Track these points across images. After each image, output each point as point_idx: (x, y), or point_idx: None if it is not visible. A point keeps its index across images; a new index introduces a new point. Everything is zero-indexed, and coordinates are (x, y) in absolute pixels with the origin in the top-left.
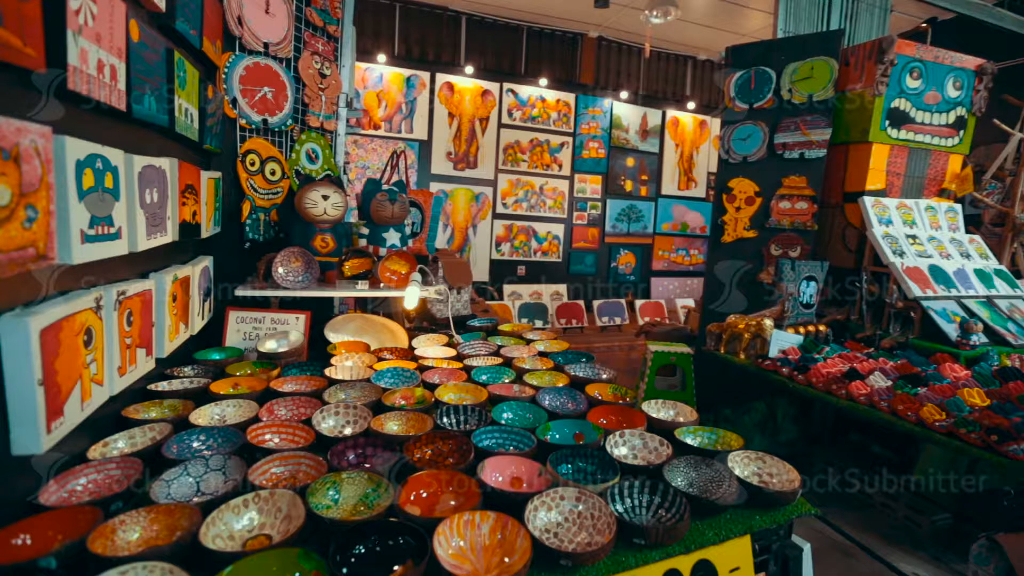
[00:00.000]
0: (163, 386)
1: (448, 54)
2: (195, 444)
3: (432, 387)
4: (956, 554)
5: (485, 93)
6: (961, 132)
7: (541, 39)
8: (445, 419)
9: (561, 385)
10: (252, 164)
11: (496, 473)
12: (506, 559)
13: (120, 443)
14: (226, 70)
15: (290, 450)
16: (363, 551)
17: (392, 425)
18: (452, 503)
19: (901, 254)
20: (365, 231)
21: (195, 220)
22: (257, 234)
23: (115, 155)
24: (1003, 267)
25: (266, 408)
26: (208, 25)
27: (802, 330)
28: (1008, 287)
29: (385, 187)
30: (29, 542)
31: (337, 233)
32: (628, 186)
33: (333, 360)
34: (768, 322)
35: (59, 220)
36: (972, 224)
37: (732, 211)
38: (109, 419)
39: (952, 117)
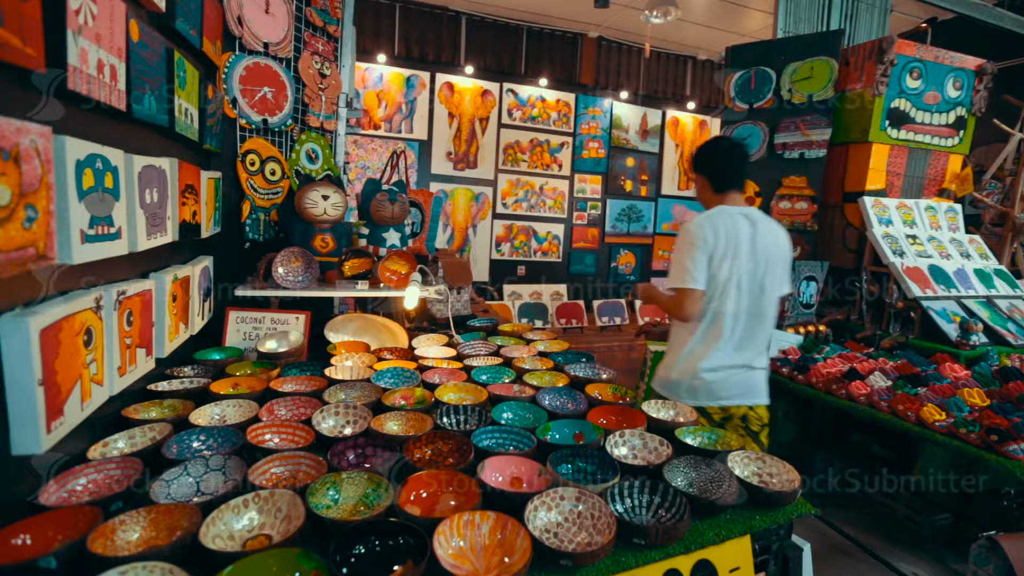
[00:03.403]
0: (163, 386)
1: (448, 54)
2: (195, 444)
3: (432, 387)
4: (956, 554)
5: (485, 93)
6: (961, 132)
7: (541, 39)
8: (445, 419)
9: (561, 385)
10: (252, 164)
11: (496, 473)
12: (506, 559)
13: (120, 443)
14: (226, 70)
15: (290, 450)
16: (363, 551)
17: (392, 425)
18: (452, 503)
19: (901, 254)
20: (365, 231)
21: (195, 220)
22: (257, 234)
23: (115, 155)
24: (1003, 267)
25: (266, 408)
26: (208, 25)
27: (802, 330)
28: (1008, 287)
29: (385, 187)
30: (29, 542)
31: (337, 233)
32: (628, 186)
33: (333, 360)
34: None
35: (59, 220)
36: (972, 224)
37: None
38: (109, 419)
39: (952, 117)
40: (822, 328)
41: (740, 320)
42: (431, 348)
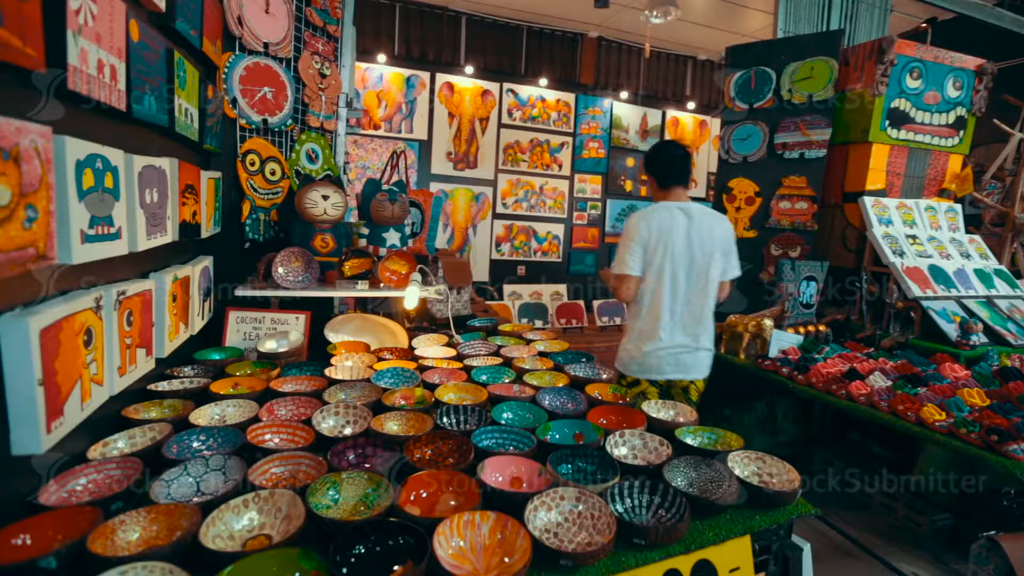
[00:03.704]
0: (163, 386)
1: (448, 54)
2: (195, 444)
3: (432, 387)
4: (956, 554)
5: (485, 93)
6: (961, 132)
7: (541, 39)
8: (445, 419)
9: (561, 385)
10: (252, 164)
11: (496, 473)
12: (506, 559)
13: (120, 443)
14: (226, 70)
15: (290, 450)
16: (363, 551)
17: (392, 425)
18: (452, 503)
19: (901, 254)
20: (365, 231)
21: (195, 220)
22: (257, 234)
23: (115, 155)
24: (1003, 267)
25: (266, 408)
26: (208, 25)
27: (802, 330)
28: (1008, 287)
29: (385, 187)
30: (29, 542)
31: (337, 233)
32: (628, 186)
33: (333, 360)
34: (768, 322)
35: (59, 220)
36: (972, 224)
37: (732, 211)
38: (109, 419)
39: (952, 117)
40: (822, 328)
41: (679, 304)
42: (431, 348)
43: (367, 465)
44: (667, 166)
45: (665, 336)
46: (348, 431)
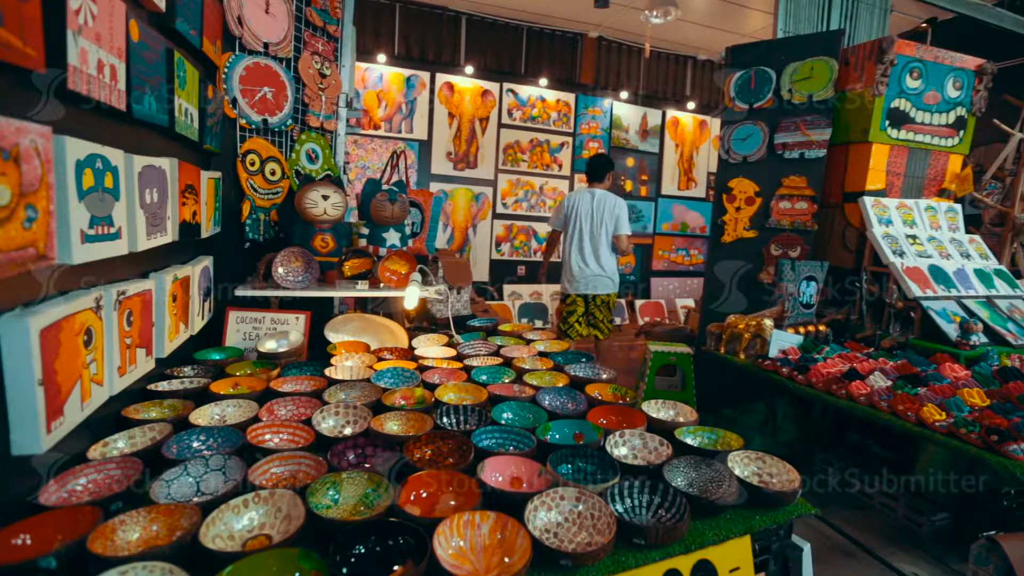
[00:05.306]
0: (163, 386)
1: (448, 54)
2: (195, 444)
3: (432, 387)
4: (956, 554)
5: (485, 93)
6: (961, 132)
7: (541, 39)
8: (445, 419)
9: (561, 385)
10: (252, 164)
11: (496, 473)
12: (506, 559)
13: (120, 443)
14: (226, 70)
15: (290, 450)
16: (363, 551)
17: (392, 425)
18: (452, 503)
19: (901, 254)
20: (365, 231)
21: (195, 220)
22: (257, 234)
23: (115, 155)
24: (1003, 267)
25: (266, 408)
26: (208, 25)
27: (802, 330)
28: (1008, 287)
29: (385, 187)
30: (29, 542)
31: (337, 233)
32: (628, 186)
33: (333, 360)
34: (768, 322)
35: (59, 220)
36: (972, 224)
37: (732, 211)
38: (109, 419)
39: (952, 117)
40: (822, 328)
41: (586, 248)
42: (431, 348)
43: (367, 465)
44: (594, 170)
45: (582, 266)
46: (348, 431)
